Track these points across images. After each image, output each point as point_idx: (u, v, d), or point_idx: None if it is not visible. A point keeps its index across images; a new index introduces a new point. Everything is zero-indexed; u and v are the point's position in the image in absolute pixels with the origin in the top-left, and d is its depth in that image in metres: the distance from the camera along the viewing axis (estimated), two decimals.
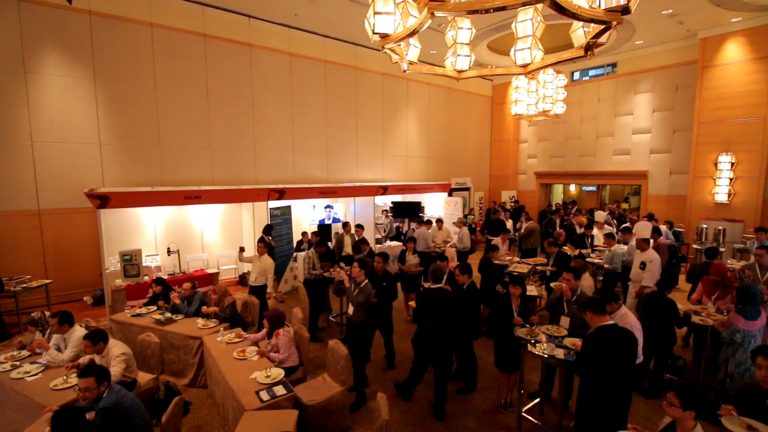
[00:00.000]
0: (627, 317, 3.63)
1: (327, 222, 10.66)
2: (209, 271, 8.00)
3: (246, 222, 9.50)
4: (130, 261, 6.81)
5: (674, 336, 4.68)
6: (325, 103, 11.53)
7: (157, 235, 8.56)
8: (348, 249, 8.32)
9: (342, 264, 6.44)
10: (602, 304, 3.14)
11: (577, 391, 3.46)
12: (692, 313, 4.75)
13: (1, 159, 7.12)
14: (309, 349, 4.67)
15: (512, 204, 14.74)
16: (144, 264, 7.24)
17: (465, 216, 12.27)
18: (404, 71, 6.28)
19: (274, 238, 8.30)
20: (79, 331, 3.97)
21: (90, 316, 5.93)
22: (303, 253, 8.84)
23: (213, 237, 9.44)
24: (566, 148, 14.88)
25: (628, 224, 9.00)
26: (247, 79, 9.96)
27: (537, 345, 3.81)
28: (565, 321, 4.20)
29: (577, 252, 7.90)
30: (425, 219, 9.16)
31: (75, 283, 7.87)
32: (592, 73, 14.49)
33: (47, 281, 6.80)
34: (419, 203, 12.46)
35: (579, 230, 9.38)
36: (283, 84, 10.61)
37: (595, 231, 8.68)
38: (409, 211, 12.16)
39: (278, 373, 3.82)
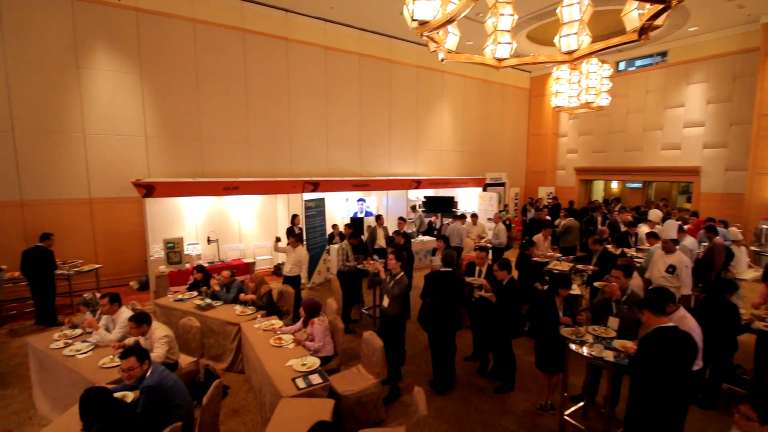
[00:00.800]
0: (686, 320, 3.36)
1: (359, 215, 10.67)
2: (246, 260, 8.19)
3: (281, 214, 9.66)
4: (173, 249, 7.07)
5: (735, 342, 4.31)
6: (359, 97, 11.51)
7: (197, 225, 8.86)
8: (381, 242, 8.28)
9: (375, 257, 6.40)
10: (662, 303, 2.90)
11: (628, 396, 3.24)
12: (756, 319, 4.36)
13: (56, 150, 7.58)
14: (343, 341, 4.66)
15: (549, 200, 14.20)
16: (185, 252, 7.50)
17: (500, 212, 11.92)
18: (442, 60, 6.10)
19: (308, 230, 8.38)
20: (126, 313, 4.14)
21: (136, 300, 6.19)
22: (336, 246, 8.91)
23: (250, 228, 9.66)
24: (609, 143, 14.15)
25: (680, 223, 8.42)
26: (284, 73, 10.09)
27: (583, 346, 3.60)
28: (613, 322, 3.95)
29: (619, 251, 7.50)
30: (459, 213, 8.95)
31: (122, 269, 8.28)
32: (639, 63, 13.68)
33: (97, 266, 7.18)
34: (452, 198, 12.21)
35: (623, 228, 8.91)
36: (319, 77, 10.68)
37: (643, 229, 8.19)
38: (442, 206, 11.95)
39: (314, 361, 3.83)
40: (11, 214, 7.22)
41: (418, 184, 11.11)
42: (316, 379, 3.55)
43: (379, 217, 8.53)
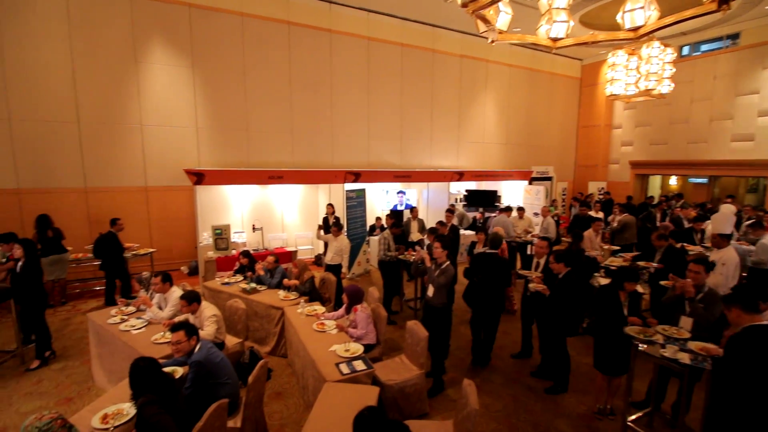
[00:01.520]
0: None
1: (399, 208, 10.54)
2: (288, 249, 8.31)
3: (322, 205, 9.71)
4: (221, 235, 7.28)
5: None
6: (401, 88, 11.35)
7: (243, 215, 9.12)
8: (414, 235, 8.08)
9: (418, 247, 6.22)
10: (755, 300, 2.53)
11: (706, 405, 2.89)
12: None
13: (116, 140, 8.03)
14: (385, 330, 4.55)
15: (601, 196, 13.36)
16: (231, 240, 7.71)
17: (549, 207, 11.36)
18: (492, 42, 5.79)
19: (349, 221, 8.36)
20: (177, 292, 4.26)
21: (186, 283, 6.43)
22: (376, 237, 8.83)
23: (292, 219, 9.81)
24: (670, 134, 13.07)
25: (755, 220, 7.60)
26: (327, 65, 10.12)
27: (653, 347, 3.26)
28: (686, 322, 3.55)
29: (678, 245, 6.87)
30: (504, 206, 8.57)
31: (174, 254, 8.67)
32: (705, 47, 12.51)
33: (152, 250, 7.53)
34: (495, 192, 11.79)
35: (687, 225, 8.17)
36: (361, 69, 10.63)
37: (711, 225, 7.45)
38: (484, 200, 11.57)
39: (357, 348, 3.74)
40: (76, 200, 7.73)
41: (460, 176, 10.80)
42: (359, 365, 3.46)
43: (413, 209, 8.35)
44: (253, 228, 8.08)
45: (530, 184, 12.37)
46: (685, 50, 12.84)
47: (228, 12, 8.80)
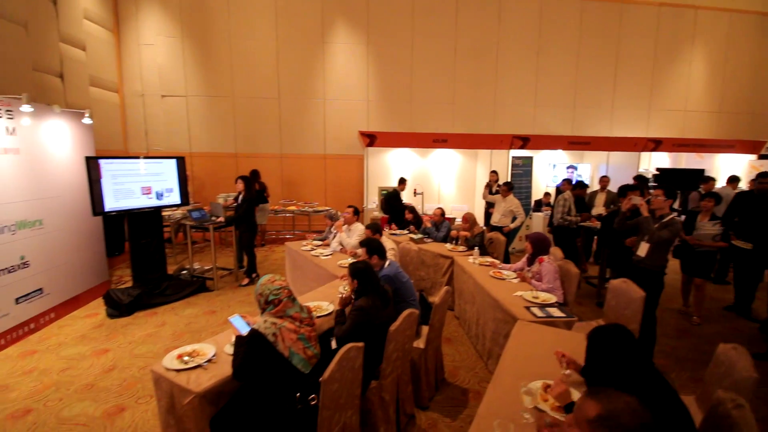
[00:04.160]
0: None
1: None
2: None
3: (480, 177, 9.30)
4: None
5: None
6: (578, 49, 9.95)
7: None
8: (598, 208, 6.89)
9: (630, 195, 5.20)
10: None
11: None
12: None
13: (305, 113, 9.18)
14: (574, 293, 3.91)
15: None
16: None
17: None
18: None
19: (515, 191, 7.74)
20: (361, 226, 4.54)
21: None
22: (540, 213, 7.96)
23: (448, 191, 9.70)
24: None
25: None
26: (494, 31, 9.56)
27: None
28: None
29: None
30: (731, 175, 6.63)
31: None
32: None
33: (328, 208, 8.42)
34: (701, 171, 9.30)
35: None
36: (531, 31, 9.71)
37: None
38: (684, 181, 9.25)
39: (548, 296, 3.27)
40: (273, 164, 9.16)
41: (656, 144, 8.88)
42: (555, 312, 2.99)
43: (602, 178, 7.14)
44: (414, 192, 8.23)
45: (759, 158, 9.40)
46: None
47: None
